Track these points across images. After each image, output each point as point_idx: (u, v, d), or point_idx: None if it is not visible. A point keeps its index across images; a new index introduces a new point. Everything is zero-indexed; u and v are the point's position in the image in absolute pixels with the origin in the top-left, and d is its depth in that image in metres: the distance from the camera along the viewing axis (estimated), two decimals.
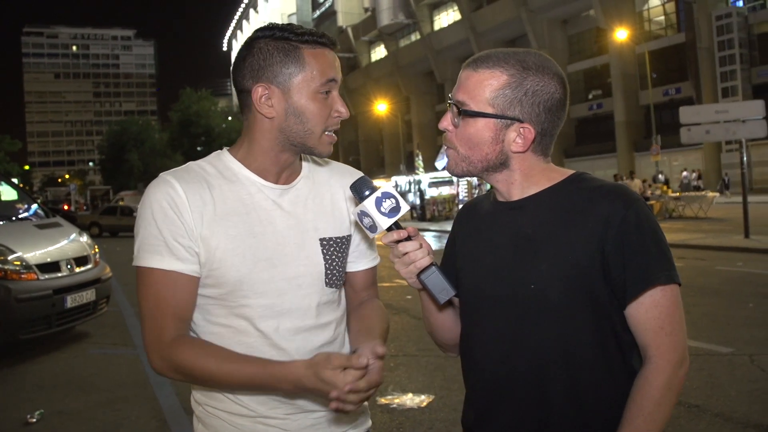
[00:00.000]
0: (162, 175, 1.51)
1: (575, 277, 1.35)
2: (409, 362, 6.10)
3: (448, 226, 24.59)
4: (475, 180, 26.66)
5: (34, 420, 4.85)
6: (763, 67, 37.87)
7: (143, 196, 1.50)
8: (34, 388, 5.78)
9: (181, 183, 1.46)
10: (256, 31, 1.51)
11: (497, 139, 1.40)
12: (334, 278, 1.59)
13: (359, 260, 1.69)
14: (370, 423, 1.71)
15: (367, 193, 1.37)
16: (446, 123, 1.45)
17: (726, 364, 5.77)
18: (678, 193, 25.42)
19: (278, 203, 1.54)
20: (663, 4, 43.19)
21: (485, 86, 1.39)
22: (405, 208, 1.36)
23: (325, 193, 1.63)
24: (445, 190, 31.68)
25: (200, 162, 1.56)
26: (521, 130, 1.39)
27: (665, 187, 28.08)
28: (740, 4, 39.29)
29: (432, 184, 32.13)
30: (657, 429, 1.31)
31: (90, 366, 6.54)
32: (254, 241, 1.48)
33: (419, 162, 34.31)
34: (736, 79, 37.27)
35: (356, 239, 1.67)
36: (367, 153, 64.64)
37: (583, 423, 1.37)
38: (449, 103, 1.45)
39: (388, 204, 1.35)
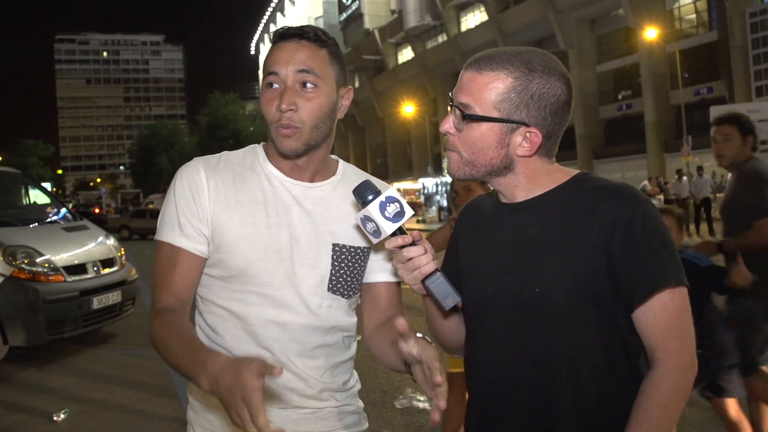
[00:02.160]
0: (194, 159, 1.59)
1: (580, 280, 1.31)
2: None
3: None
4: None
5: (60, 419, 4.93)
6: None
7: (173, 180, 1.58)
8: (61, 387, 5.87)
9: (205, 168, 1.54)
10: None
11: (502, 143, 1.36)
12: (339, 285, 1.58)
13: (381, 271, 1.66)
14: (366, 426, 1.70)
15: (370, 197, 1.32)
16: (448, 126, 1.40)
17: None
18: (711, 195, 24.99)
19: (299, 200, 1.56)
20: (694, 2, 42.56)
21: (490, 89, 1.35)
22: (409, 212, 1.32)
23: (351, 200, 1.60)
24: None
25: (238, 152, 1.63)
26: (527, 134, 1.36)
27: None
28: None
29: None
30: None
31: (115, 366, 6.62)
32: (266, 232, 1.51)
33: (445, 164, 34.27)
34: None
35: (380, 252, 1.65)
36: (394, 155, 64.64)
37: (587, 428, 1.33)
38: (450, 105, 1.41)
39: (392, 208, 1.31)
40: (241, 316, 1.52)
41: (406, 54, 62.79)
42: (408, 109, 47.38)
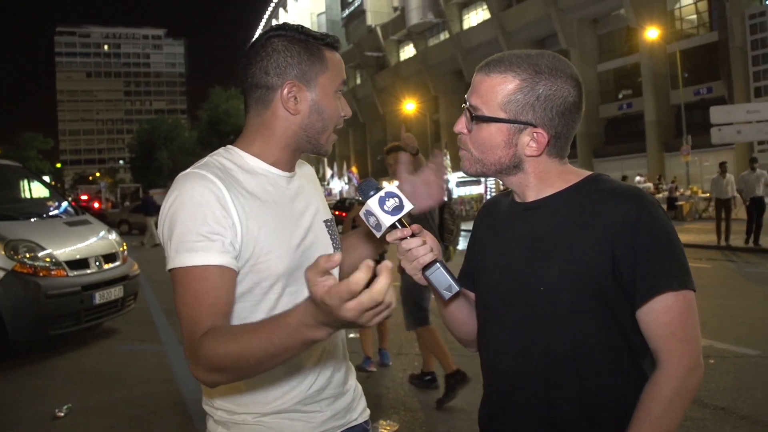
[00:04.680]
0: (193, 170, 1.45)
1: (586, 280, 1.34)
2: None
3: None
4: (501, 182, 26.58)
5: (63, 414, 4.95)
6: None
7: (177, 192, 1.41)
8: (63, 382, 5.90)
9: (217, 177, 1.42)
10: (271, 30, 1.52)
11: (510, 143, 1.41)
12: None
13: None
14: (368, 412, 1.76)
15: (371, 193, 1.39)
16: (460, 126, 1.47)
17: (753, 366, 5.70)
18: (708, 194, 25.05)
19: (293, 191, 1.60)
20: (695, 3, 42.52)
21: (497, 91, 1.39)
22: (408, 206, 1.38)
23: (311, 179, 1.74)
24: (474, 190, 31.57)
25: (216, 158, 1.53)
26: (534, 134, 1.39)
27: (695, 188, 27.71)
28: None
29: (460, 184, 32.05)
30: None
31: (117, 362, 6.65)
32: (288, 231, 1.52)
33: (447, 161, 34.26)
34: None
35: None
36: None
37: (591, 425, 1.37)
38: (463, 107, 1.46)
39: (391, 203, 1.37)
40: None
41: (408, 51, 62.68)
42: (409, 107, 47.33)
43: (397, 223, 1.38)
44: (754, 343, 6.28)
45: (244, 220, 1.42)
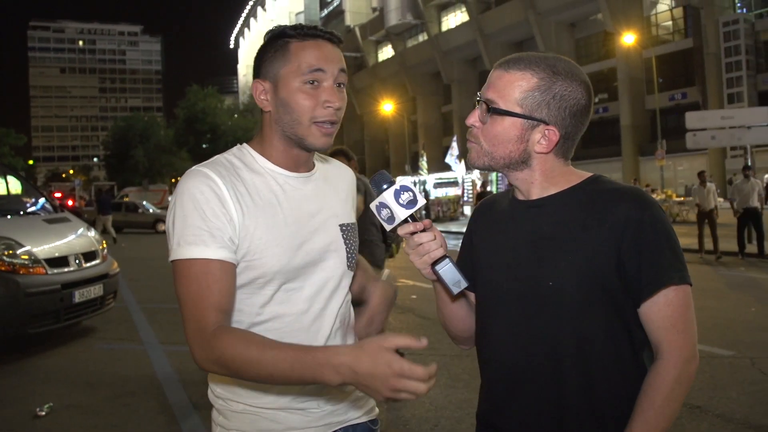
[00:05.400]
0: (198, 168, 1.52)
1: (591, 276, 1.40)
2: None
3: (453, 227, 24.64)
4: (479, 182, 26.72)
5: (43, 413, 4.88)
6: None
7: (179, 188, 1.48)
8: (43, 381, 5.83)
9: (218, 175, 1.48)
10: (268, 31, 1.59)
11: (522, 138, 1.46)
12: (352, 261, 1.67)
13: None
14: (377, 410, 1.77)
15: (385, 186, 1.42)
16: (473, 119, 1.51)
17: (727, 366, 5.83)
18: (682, 198, 25.43)
19: (304, 192, 1.60)
20: (671, 10, 43.17)
21: (515, 87, 1.44)
22: (421, 201, 1.42)
23: (337, 182, 1.71)
24: (451, 191, 31.69)
25: (225, 155, 1.59)
26: (546, 132, 1.45)
27: (670, 191, 28.12)
28: (746, 11, 39.29)
29: (437, 185, 32.15)
30: (666, 422, 1.37)
31: (97, 361, 6.59)
32: (288, 231, 1.53)
33: (423, 163, 34.32)
34: (742, 85, 37.28)
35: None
36: (372, 153, 64.63)
37: (596, 415, 1.42)
38: (477, 101, 1.50)
39: (406, 196, 1.41)
40: (274, 315, 1.53)
41: (386, 52, 62.84)
42: (387, 107, 47.42)
43: (409, 217, 1.42)
44: (728, 344, 6.42)
45: (241, 217, 1.46)
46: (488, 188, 24.96)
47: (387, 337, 1.22)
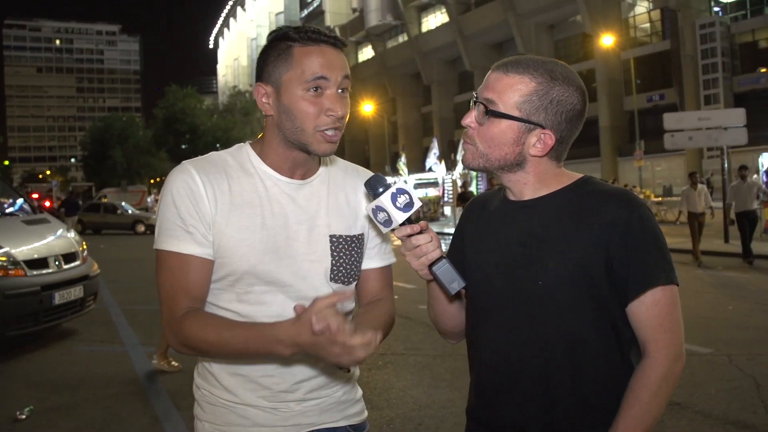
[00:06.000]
0: (184, 163, 1.57)
1: (581, 276, 1.43)
2: (397, 361, 6.17)
3: (434, 227, 24.65)
4: (459, 182, 26.78)
5: (24, 416, 4.83)
6: (744, 76, 38.46)
7: (166, 181, 1.55)
8: (23, 384, 5.77)
9: (199, 172, 1.52)
10: (270, 33, 1.58)
11: (518, 141, 1.48)
12: (340, 274, 1.63)
13: (373, 259, 1.73)
14: (366, 414, 1.76)
15: (381, 189, 1.43)
16: (470, 120, 1.52)
17: (706, 363, 5.92)
18: (660, 198, 25.69)
19: (293, 198, 1.59)
20: (648, 12, 43.65)
21: (514, 90, 1.46)
22: (418, 203, 1.43)
23: (339, 192, 1.68)
24: (431, 192, 31.74)
25: (222, 153, 1.62)
26: (542, 135, 1.47)
27: (648, 192, 28.41)
28: (722, 14, 39.83)
29: (418, 186, 32.17)
30: (652, 418, 1.40)
31: (78, 363, 6.53)
32: (265, 234, 1.53)
33: (401, 164, 34.29)
34: (719, 87, 37.80)
35: (373, 238, 1.72)
36: (352, 153, 64.53)
37: (584, 411, 1.45)
38: (474, 101, 1.52)
39: (402, 199, 1.42)
40: (247, 315, 1.53)
41: (366, 53, 62.86)
42: (367, 108, 47.40)
43: (406, 220, 1.43)
44: (706, 342, 6.51)
45: (214, 214, 1.51)
46: (469, 188, 25.02)
47: (318, 303, 1.30)
